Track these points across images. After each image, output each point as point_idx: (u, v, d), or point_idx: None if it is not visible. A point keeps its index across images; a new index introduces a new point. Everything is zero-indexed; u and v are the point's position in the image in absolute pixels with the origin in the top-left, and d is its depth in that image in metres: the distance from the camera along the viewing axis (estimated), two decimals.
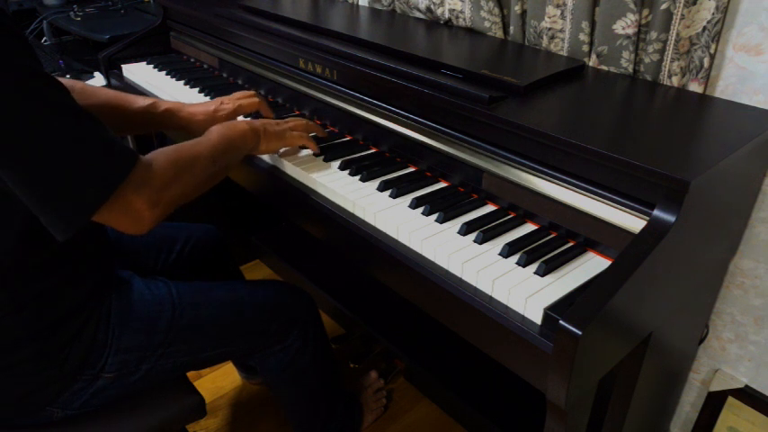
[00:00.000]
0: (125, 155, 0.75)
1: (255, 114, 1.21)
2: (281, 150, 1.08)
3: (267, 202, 1.16)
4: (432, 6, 1.37)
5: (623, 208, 0.78)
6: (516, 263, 0.79)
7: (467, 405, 1.44)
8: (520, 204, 0.90)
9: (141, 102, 1.12)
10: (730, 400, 1.21)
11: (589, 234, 0.82)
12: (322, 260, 1.93)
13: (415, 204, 0.92)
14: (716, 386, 1.23)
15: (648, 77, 1.07)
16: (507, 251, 0.81)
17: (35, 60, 0.69)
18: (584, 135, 0.81)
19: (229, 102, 1.16)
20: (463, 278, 0.79)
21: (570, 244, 0.84)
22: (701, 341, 1.22)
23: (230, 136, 0.95)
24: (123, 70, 1.60)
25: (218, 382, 1.63)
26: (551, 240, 0.85)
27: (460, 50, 1.20)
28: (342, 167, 1.04)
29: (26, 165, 0.68)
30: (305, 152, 1.10)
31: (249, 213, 2.07)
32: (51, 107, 0.69)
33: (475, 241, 0.84)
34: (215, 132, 0.95)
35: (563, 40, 1.17)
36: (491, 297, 0.76)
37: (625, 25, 1.04)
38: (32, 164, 0.68)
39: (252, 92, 1.19)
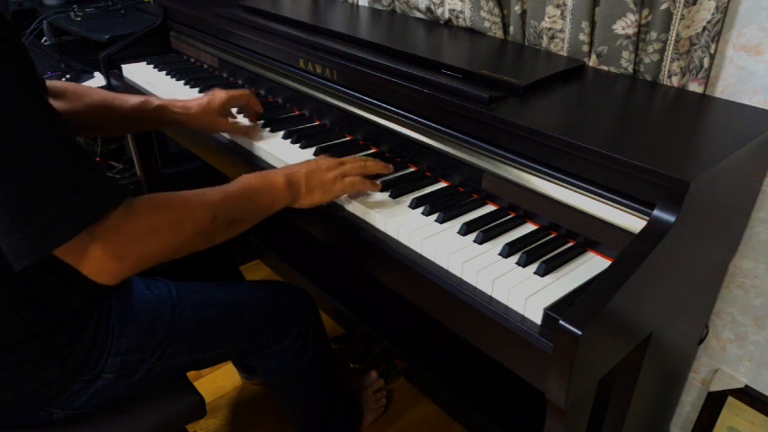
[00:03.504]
0: (103, 194, 0.68)
1: (245, 106, 1.20)
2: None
3: None
4: (432, 6, 1.37)
5: (623, 208, 0.78)
6: (516, 263, 0.79)
7: (467, 405, 1.44)
8: (520, 204, 0.90)
9: (134, 100, 1.12)
10: (730, 400, 1.21)
11: (589, 234, 0.82)
12: (322, 260, 1.93)
13: (415, 204, 0.92)
14: (716, 386, 1.23)
15: (648, 77, 1.07)
16: (507, 251, 0.81)
17: (36, 79, 0.67)
18: (584, 135, 0.81)
19: (222, 92, 1.16)
20: (463, 278, 0.79)
21: (570, 244, 0.84)
22: (701, 341, 1.22)
23: (255, 189, 0.83)
24: (123, 70, 1.60)
25: (218, 382, 1.63)
26: (551, 240, 0.85)
27: (460, 50, 1.20)
28: None
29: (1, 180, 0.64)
30: (304, 152, 1.09)
31: None
32: (39, 129, 0.65)
33: (475, 241, 0.84)
34: (238, 183, 0.83)
35: (563, 40, 1.17)
36: (491, 297, 0.76)
37: (625, 25, 1.04)
38: (4, 180, 0.64)
39: (246, 92, 1.19)
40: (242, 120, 1.24)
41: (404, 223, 0.87)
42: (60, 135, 0.67)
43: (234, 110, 1.23)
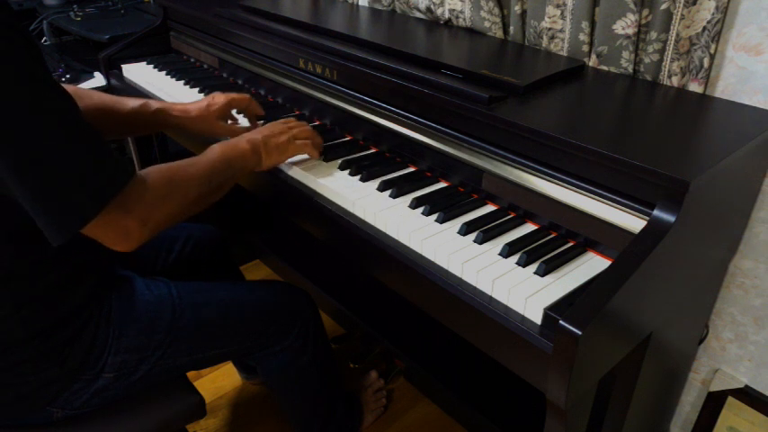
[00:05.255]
0: (119, 170, 0.75)
1: (245, 110, 1.20)
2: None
3: (267, 202, 1.16)
4: (432, 6, 1.37)
5: (623, 208, 0.78)
6: (516, 263, 0.79)
7: (467, 405, 1.44)
8: (520, 204, 0.90)
9: (132, 103, 1.12)
10: (730, 400, 1.21)
11: (589, 234, 0.82)
12: (322, 260, 1.93)
13: (415, 204, 0.92)
14: (716, 386, 1.23)
15: (648, 77, 1.07)
16: (507, 251, 0.81)
17: (45, 67, 0.70)
18: (584, 135, 0.81)
19: (222, 96, 1.16)
20: (463, 278, 0.79)
21: (570, 244, 0.84)
22: (701, 341, 1.22)
23: (229, 156, 0.94)
24: (123, 70, 1.60)
25: (218, 382, 1.63)
26: (551, 240, 0.85)
27: (460, 50, 1.20)
28: (342, 167, 1.04)
29: (25, 168, 0.68)
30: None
31: (249, 213, 2.07)
32: (56, 114, 0.69)
33: (475, 241, 0.84)
34: (214, 152, 0.93)
35: (563, 40, 1.17)
36: (491, 297, 0.76)
37: (625, 25, 1.04)
38: (30, 168, 0.68)
39: (245, 95, 1.19)
40: (242, 121, 1.24)
41: (404, 223, 0.87)
42: (76, 118, 0.72)
43: (233, 111, 1.23)
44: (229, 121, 1.20)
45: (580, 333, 0.61)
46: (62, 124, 0.70)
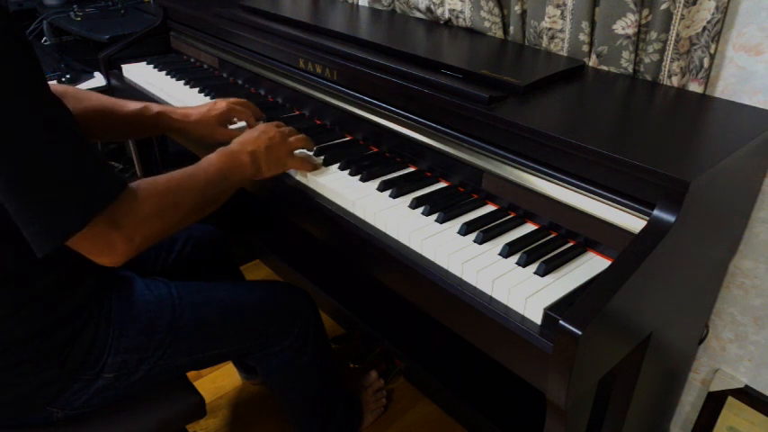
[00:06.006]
0: (110, 183, 0.73)
1: (246, 121, 1.20)
2: None
3: (266, 202, 1.16)
4: (432, 6, 1.37)
5: (623, 208, 0.78)
6: (516, 263, 0.79)
7: (467, 405, 1.44)
8: (520, 204, 0.90)
9: (133, 106, 1.12)
10: (730, 400, 1.21)
11: (589, 234, 0.82)
12: (322, 260, 1.93)
13: (415, 204, 0.92)
14: (716, 386, 1.23)
15: (648, 77, 1.07)
16: (507, 251, 0.81)
17: (42, 74, 0.69)
18: (584, 135, 0.81)
19: (223, 102, 1.15)
20: (463, 278, 0.79)
21: (570, 244, 0.84)
22: (701, 341, 1.22)
23: (227, 169, 0.92)
24: (123, 70, 1.60)
25: (218, 382, 1.63)
26: (551, 240, 0.85)
27: (460, 50, 1.20)
28: (342, 167, 1.04)
29: (15, 176, 0.67)
30: (304, 152, 1.09)
31: (249, 213, 2.07)
32: (49, 123, 0.68)
33: (475, 241, 0.84)
34: (211, 163, 0.91)
35: (563, 40, 1.17)
36: (491, 297, 0.76)
37: (625, 25, 1.04)
38: (20, 176, 0.67)
39: (245, 101, 1.19)
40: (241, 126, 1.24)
41: (404, 223, 0.87)
42: (69, 128, 0.71)
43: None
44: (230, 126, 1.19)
45: (580, 333, 0.62)
46: (55, 133, 0.69)
